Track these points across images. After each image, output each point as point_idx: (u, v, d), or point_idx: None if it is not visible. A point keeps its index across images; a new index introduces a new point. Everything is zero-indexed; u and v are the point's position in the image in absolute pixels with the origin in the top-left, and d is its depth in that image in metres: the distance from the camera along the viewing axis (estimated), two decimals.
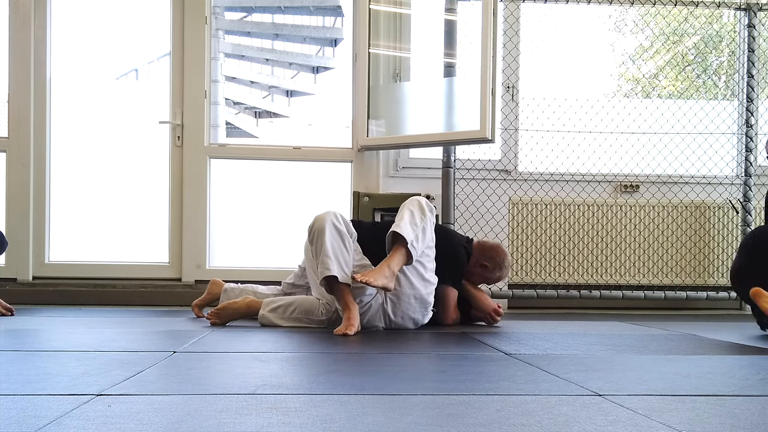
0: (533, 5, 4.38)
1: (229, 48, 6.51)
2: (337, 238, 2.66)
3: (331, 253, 2.62)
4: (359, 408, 1.29)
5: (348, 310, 2.62)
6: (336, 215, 2.71)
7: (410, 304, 2.76)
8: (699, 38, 5.27)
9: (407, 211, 2.71)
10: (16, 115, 4.25)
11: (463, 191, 4.24)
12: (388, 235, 2.65)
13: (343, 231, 2.70)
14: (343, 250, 2.67)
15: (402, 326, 2.81)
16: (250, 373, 1.74)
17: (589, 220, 4.34)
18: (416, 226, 2.67)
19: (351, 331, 2.54)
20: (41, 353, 2.07)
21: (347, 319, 2.60)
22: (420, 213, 2.71)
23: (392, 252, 2.64)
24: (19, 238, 4.16)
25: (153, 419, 1.18)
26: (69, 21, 4.51)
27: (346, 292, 2.65)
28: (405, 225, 2.63)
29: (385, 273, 2.57)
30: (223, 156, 4.43)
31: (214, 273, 4.12)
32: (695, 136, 4.39)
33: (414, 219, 2.68)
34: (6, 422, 1.14)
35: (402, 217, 2.68)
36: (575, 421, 1.21)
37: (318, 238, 2.66)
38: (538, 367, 1.86)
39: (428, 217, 2.73)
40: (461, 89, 3.93)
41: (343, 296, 2.65)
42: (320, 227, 2.67)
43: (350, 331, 2.54)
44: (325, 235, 2.64)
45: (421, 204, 2.75)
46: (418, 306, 2.78)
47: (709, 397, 1.47)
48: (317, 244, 2.66)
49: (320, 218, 2.70)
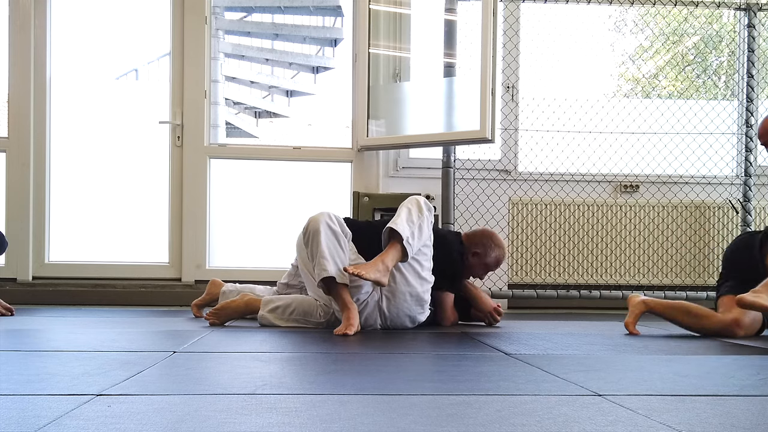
0: (533, 5, 4.38)
1: (229, 48, 6.50)
2: (332, 238, 2.66)
3: (327, 254, 2.61)
4: (359, 408, 1.29)
5: (347, 309, 2.62)
6: (330, 215, 2.71)
7: (406, 301, 2.76)
8: (699, 38, 5.28)
9: (405, 209, 2.71)
10: (16, 115, 4.25)
11: (463, 191, 4.24)
12: (384, 231, 2.65)
13: (337, 231, 2.69)
14: (339, 251, 2.66)
15: (399, 324, 2.81)
16: (250, 373, 1.74)
17: (589, 220, 4.34)
18: (413, 224, 2.67)
19: (351, 331, 2.54)
20: (41, 353, 2.07)
21: (346, 319, 2.60)
22: (418, 211, 2.70)
23: (387, 247, 2.64)
24: (19, 238, 4.16)
25: (153, 419, 1.18)
26: (69, 21, 4.51)
27: (345, 292, 2.65)
28: (401, 222, 2.63)
29: (378, 267, 2.56)
30: (223, 156, 4.43)
31: (214, 273, 4.12)
32: (695, 136, 4.39)
33: (411, 217, 2.68)
34: (6, 422, 1.14)
35: (399, 215, 2.68)
36: (575, 421, 1.21)
37: (313, 239, 2.66)
38: (538, 367, 1.86)
39: (425, 216, 2.73)
40: (461, 89, 3.93)
41: (341, 296, 2.65)
42: (315, 228, 2.66)
43: (350, 331, 2.54)
44: (320, 235, 2.64)
45: (419, 202, 2.75)
46: (413, 303, 2.77)
47: (709, 397, 1.47)
48: (312, 245, 2.66)
49: (314, 219, 2.69)
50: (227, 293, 3.25)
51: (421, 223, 2.70)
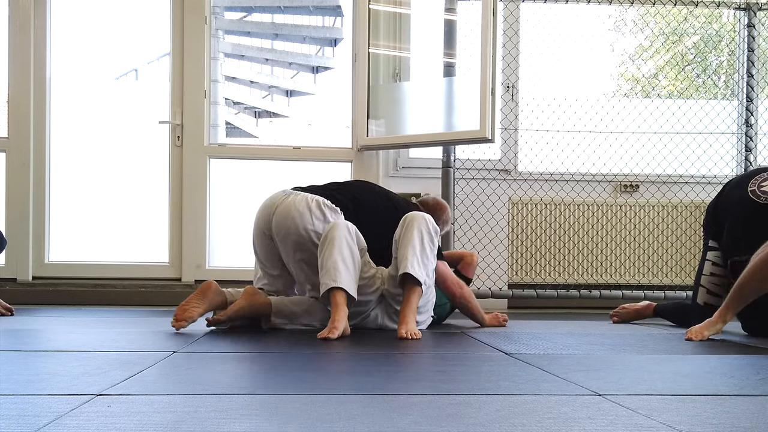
0: (533, 5, 4.38)
1: (229, 48, 6.50)
2: (345, 249, 2.61)
3: (341, 266, 2.55)
4: (359, 408, 1.29)
5: (336, 312, 2.51)
6: (348, 227, 2.66)
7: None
8: (699, 38, 5.27)
9: (417, 240, 2.66)
10: (16, 115, 4.25)
11: (463, 191, 4.23)
12: (401, 274, 2.63)
13: (352, 244, 2.64)
14: (349, 262, 2.61)
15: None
16: (250, 373, 1.74)
17: (589, 220, 4.34)
18: (427, 260, 2.66)
19: (334, 334, 2.42)
20: (41, 353, 2.07)
21: (331, 321, 2.49)
22: (429, 241, 2.69)
23: (408, 295, 2.63)
24: (19, 238, 4.16)
25: (153, 419, 1.18)
26: (69, 21, 4.51)
27: (341, 299, 2.56)
28: (416, 263, 2.61)
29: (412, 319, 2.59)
30: (223, 156, 4.43)
31: (214, 273, 4.12)
32: (695, 136, 4.39)
33: (425, 251, 2.66)
34: (6, 422, 1.14)
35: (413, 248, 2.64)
36: (575, 421, 1.21)
37: (328, 246, 2.60)
38: (538, 366, 1.86)
39: (435, 242, 2.73)
40: (461, 89, 3.93)
41: (335, 302, 2.55)
42: (332, 236, 2.61)
43: (333, 334, 2.41)
44: (334, 245, 2.58)
45: (429, 229, 2.70)
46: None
47: (709, 397, 1.47)
48: (326, 252, 2.60)
49: (333, 227, 2.64)
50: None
51: (431, 253, 2.70)
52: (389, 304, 2.80)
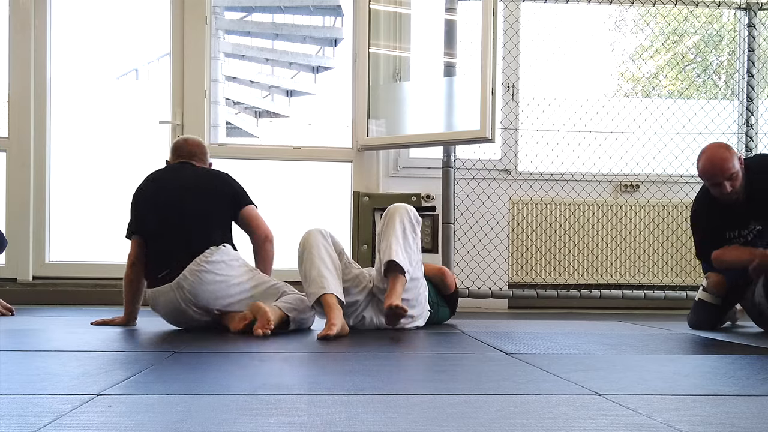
0: (533, 5, 4.38)
1: (229, 48, 6.51)
2: (325, 255, 2.64)
3: (325, 272, 2.59)
4: (359, 408, 1.29)
5: (330, 311, 2.53)
6: (322, 233, 2.71)
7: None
8: (699, 38, 5.27)
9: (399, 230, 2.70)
10: (16, 115, 4.24)
11: (463, 191, 4.23)
12: (384, 263, 2.65)
13: (330, 249, 2.68)
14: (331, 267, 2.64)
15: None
16: (250, 373, 1.74)
17: (589, 220, 4.34)
18: (410, 249, 2.70)
19: (332, 331, 2.44)
20: (41, 353, 2.07)
21: (328, 320, 2.51)
22: (412, 231, 2.73)
23: (393, 283, 2.63)
24: (19, 238, 4.15)
25: (153, 419, 1.19)
26: (69, 21, 4.52)
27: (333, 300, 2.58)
28: (399, 251, 2.64)
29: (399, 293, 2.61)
30: (223, 156, 4.41)
31: None
32: (695, 136, 4.39)
33: (407, 239, 2.70)
34: (6, 422, 1.14)
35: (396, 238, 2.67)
36: (575, 421, 1.21)
37: (308, 256, 2.64)
38: (538, 366, 1.86)
39: (417, 232, 2.77)
40: (461, 89, 3.92)
41: (327, 303, 2.57)
42: (309, 245, 2.66)
43: (331, 331, 2.44)
44: (313, 254, 2.63)
45: (411, 219, 2.75)
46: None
47: (709, 397, 1.48)
48: (306, 263, 2.64)
49: (308, 236, 2.69)
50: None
51: (415, 242, 2.74)
52: (380, 300, 2.78)
